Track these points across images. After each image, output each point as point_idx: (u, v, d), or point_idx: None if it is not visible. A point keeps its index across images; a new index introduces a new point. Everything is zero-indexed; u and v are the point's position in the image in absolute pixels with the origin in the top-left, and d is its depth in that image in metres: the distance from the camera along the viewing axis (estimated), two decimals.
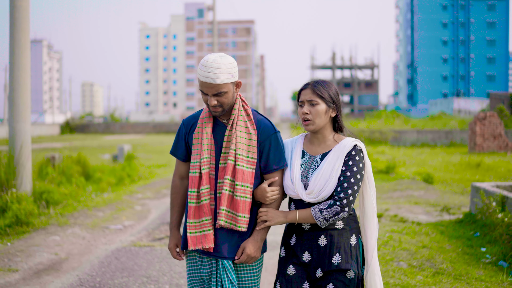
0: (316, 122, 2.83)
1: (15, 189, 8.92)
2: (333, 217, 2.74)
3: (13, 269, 5.82)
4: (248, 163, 2.85)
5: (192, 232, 2.82)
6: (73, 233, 7.62)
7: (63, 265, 6.07)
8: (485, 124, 25.67)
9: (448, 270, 5.51)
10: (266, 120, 2.95)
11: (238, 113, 2.89)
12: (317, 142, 2.92)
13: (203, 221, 2.83)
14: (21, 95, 9.41)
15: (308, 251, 2.85)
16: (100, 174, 14.07)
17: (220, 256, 2.84)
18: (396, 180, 13.74)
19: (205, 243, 2.80)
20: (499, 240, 6.29)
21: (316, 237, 2.83)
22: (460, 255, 6.20)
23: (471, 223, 7.83)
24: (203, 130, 2.88)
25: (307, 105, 2.84)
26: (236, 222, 2.82)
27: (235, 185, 2.82)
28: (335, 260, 2.77)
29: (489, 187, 7.98)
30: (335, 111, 2.88)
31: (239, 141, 2.84)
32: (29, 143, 9.54)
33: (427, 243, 6.73)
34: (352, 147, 2.82)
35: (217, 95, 2.76)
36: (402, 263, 5.76)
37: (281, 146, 2.93)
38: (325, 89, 2.86)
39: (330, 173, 2.78)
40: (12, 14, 9.36)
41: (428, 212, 9.32)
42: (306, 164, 2.89)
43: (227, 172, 2.81)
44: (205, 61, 2.73)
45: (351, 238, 2.84)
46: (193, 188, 2.84)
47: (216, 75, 2.70)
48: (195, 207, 2.84)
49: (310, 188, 2.81)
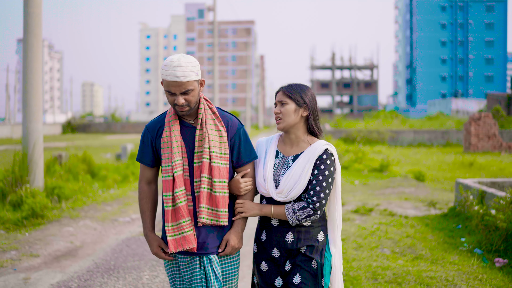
0: (286, 121, 2.95)
1: (28, 185, 9.52)
2: (305, 218, 2.86)
3: (35, 254, 6.44)
4: (222, 159, 2.92)
5: (171, 235, 2.86)
6: (85, 225, 8.23)
7: (78, 251, 6.69)
8: (480, 125, 26.18)
9: (426, 255, 6.11)
10: (231, 116, 3.05)
11: (205, 112, 2.95)
12: (290, 142, 3.04)
13: (180, 223, 2.86)
14: (34, 97, 10.00)
15: (277, 247, 2.97)
16: (105, 172, 14.64)
17: (206, 253, 2.90)
18: (389, 178, 14.35)
19: (185, 244, 2.85)
20: (475, 230, 6.90)
21: (284, 233, 2.94)
22: (440, 244, 6.79)
23: (454, 217, 8.42)
24: (171, 133, 2.91)
25: (279, 105, 2.99)
26: (218, 218, 2.89)
27: (213, 182, 2.88)
28: (302, 250, 2.92)
29: (471, 183, 8.58)
30: (307, 111, 2.98)
31: (211, 139, 2.90)
32: (41, 142, 10.12)
33: (411, 234, 7.34)
34: (323, 151, 2.93)
35: (184, 94, 2.81)
36: (386, 250, 6.37)
37: (249, 139, 3.03)
38: (296, 90, 2.98)
39: (300, 174, 2.89)
40: (25, 21, 9.94)
41: (417, 207, 9.92)
42: (279, 164, 3.00)
43: (204, 170, 2.87)
44: (169, 61, 2.78)
45: (319, 234, 2.96)
46: (167, 192, 2.87)
47: (182, 73, 2.76)
48: (171, 210, 2.87)
49: (280, 187, 2.90)
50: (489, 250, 6.34)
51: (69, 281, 5.41)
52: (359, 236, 7.14)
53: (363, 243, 6.68)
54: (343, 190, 12.00)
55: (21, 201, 9.07)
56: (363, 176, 14.90)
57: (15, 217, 8.23)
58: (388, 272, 5.32)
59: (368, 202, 10.17)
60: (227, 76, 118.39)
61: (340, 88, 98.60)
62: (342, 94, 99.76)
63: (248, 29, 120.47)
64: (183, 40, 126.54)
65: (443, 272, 5.37)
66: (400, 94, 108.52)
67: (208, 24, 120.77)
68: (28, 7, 9.95)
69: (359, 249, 6.41)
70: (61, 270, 5.86)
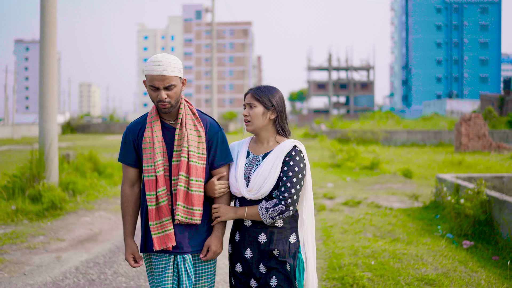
0: (254, 123, 3.02)
1: (45, 180, 10.38)
2: (278, 215, 2.90)
3: (61, 239, 7.33)
4: (199, 159, 2.98)
5: (156, 234, 2.91)
6: (100, 216, 9.12)
7: (98, 237, 7.59)
8: (470, 125, 27.00)
9: (403, 239, 7.02)
10: (211, 119, 3.12)
11: (185, 113, 3.02)
12: (260, 142, 3.10)
13: (163, 221, 2.92)
14: (50, 99, 10.86)
15: (250, 248, 3.01)
16: (111, 170, 15.50)
17: (181, 252, 2.95)
18: (379, 175, 15.26)
19: (169, 242, 2.91)
20: (448, 218, 7.81)
21: (257, 234, 2.99)
22: (418, 230, 7.69)
23: (434, 208, 9.32)
24: (153, 133, 2.96)
25: (247, 108, 3.05)
26: (192, 216, 2.95)
27: (190, 180, 2.94)
28: (275, 253, 2.97)
29: (449, 177, 9.49)
30: (275, 114, 3.05)
31: (190, 138, 2.97)
32: (56, 141, 10.97)
33: (393, 222, 8.24)
34: (292, 148, 3.00)
35: (167, 89, 2.88)
36: (368, 234, 7.29)
37: (226, 142, 3.11)
38: (264, 93, 3.04)
39: (269, 171, 2.94)
40: (42, 29, 10.81)
41: (402, 201, 10.81)
42: (249, 163, 3.07)
43: (181, 168, 2.93)
44: (154, 57, 2.88)
45: (291, 236, 3.00)
46: (151, 192, 2.92)
47: (167, 67, 2.85)
48: (155, 209, 2.93)
49: (251, 185, 2.96)
50: (459, 235, 7.24)
51: (96, 259, 6.31)
52: (346, 223, 8.06)
53: (349, 228, 7.59)
54: (335, 186, 12.91)
55: (39, 195, 9.92)
56: (354, 173, 15.81)
57: (36, 209, 9.09)
58: (368, 250, 6.22)
59: (357, 196, 11.07)
60: (225, 77, 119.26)
61: (337, 89, 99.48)
62: (339, 95, 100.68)
63: (245, 30, 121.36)
64: (181, 41, 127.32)
65: (415, 250, 6.28)
66: (396, 95, 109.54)
67: (206, 25, 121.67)
68: (45, 17, 10.82)
69: (344, 233, 7.32)
70: (86, 251, 6.76)
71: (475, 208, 7.22)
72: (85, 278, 5.57)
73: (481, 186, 7.40)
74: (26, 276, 5.63)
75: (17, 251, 6.62)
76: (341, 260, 5.82)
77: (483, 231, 7.12)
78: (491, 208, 7.19)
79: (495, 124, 36.79)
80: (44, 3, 10.70)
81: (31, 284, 5.35)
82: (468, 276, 5.28)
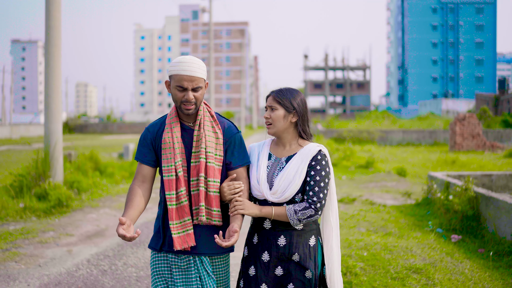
0: (276, 126, 3.00)
1: (51, 179, 10.74)
2: (306, 218, 2.86)
3: (70, 234, 7.71)
4: (216, 160, 2.98)
5: (177, 233, 2.89)
6: (105, 213, 9.50)
7: (105, 232, 7.97)
8: (465, 125, 27.42)
9: (395, 233, 7.42)
10: (229, 122, 3.13)
11: (204, 115, 3.03)
12: (282, 145, 3.08)
13: (185, 221, 2.92)
14: (55, 100, 11.22)
15: (268, 251, 2.96)
16: (112, 169, 15.86)
17: (199, 253, 2.95)
18: (373, 173, 15.68)
19: (190, 241, 2.90)
20: (438, 214, 8.22)
21: (276, 237, 2.95)
22: (409, 225, 8.09)
23: (426, 205, 9.71)
24: (173, 134, 2.98)
25: (269, 110, 3.05)
26: (212, 217, 2.95)
27: (208, 181, 2.94)
28: (294, 258, 2.93)
29: (440, 175, 9.89)
30: (296, 117, 3.02)
31: (208, 139, 2.97)
32: (61, 141, 11.34)
33: (386, 218, 8.64)
34: (317, 152, 2.97)
35: (194, 90, 2.89)
36: (362, 228, 7.68)
37: (243, 144, 3.11)
38: (286, 96, 3.02)
39: (294, 175, 2.92)
40: (47, 33, 11.17)
41: (395, 198, 11.22)
42: (272, 166, 3.03)
43: (201, 169, 2.93)
44: (182, 58, 2.88)
45: (310, 239, 2.96)
46: (171, 191, 2.92)
47: (196, 69, 2.87)
48: (176, 208, 2.93)
49: (275, 188, 2.92)
50: (448, 229, 7.64)
51: (105, 252, 6.70)
52: (341, 218, 8.45)
53: (343, 223, 7.98)
54: None
55: (45, 193, 10.28)
56: (350, 172, 16.22)
57: (44, 206, 9.46)
58: (361, 243, 6.62)
59: (352, 194, 11.47)
60: (221, 77, 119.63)
61: (333, 88, 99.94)
62: (335, 95, 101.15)
63: (242, 30, 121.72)
64: (178, 41, 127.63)
65: (405, 243, 6.68)
66: (392, 94, 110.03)
67: (202, 25, 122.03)
68: (50, 21, 11.18)
69: (340, 228, 7.68)
70: (95, 245, 7.14)
71: (463, 204, 7.63)
72: (97, 269, 5.95)
73: (468, 183, 7.81)
74: (42, 267, 6.01)
75: (29, 245, 7.00)
76: None
77: (471, 226, 7.52)
78: (478, 204, 7.59)
79: (490, 123, 37.24)
80: (49, 8, 11.06)
81: (47, 275, 5.73)
82: (453, 266, 5.68)
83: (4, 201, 9.38)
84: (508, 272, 5.61)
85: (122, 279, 5.58)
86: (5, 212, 9.00)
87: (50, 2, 11.05)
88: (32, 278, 5.59)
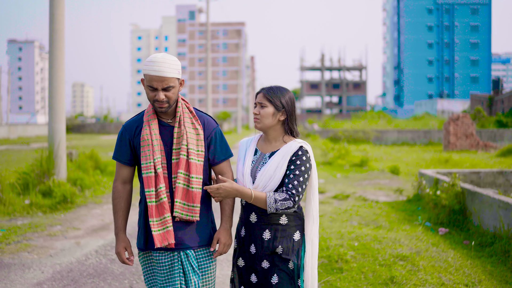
0: (263, 122, 3.06)
1: (55, 176, 11.12)
2: (284, 210, 2.91)
3: (77, 228, 8.11)
4: (198, 156, 3.00)
5: (156, 230, 2.90)
6: (109, 208, 9.89)
7: (110, 226, 8.36)
8: (458, 124, 27.80)
9: (386, 226, 7.83)
10: (207, 116, 3.15)
11: (183, 111, 3.04)
12: (268, 141, 3.14)
13: (165, 218, 2.92)
14: (58, 101, 11.59)
15: (254, 244, 3.05)
16: (112, 168, 16.23)
17: (183, 248, 2.98)
18: (367, 171, 16.10)
19: (170, 238, 2.91)
20: (427, 208, 8.64)
21: (261, 231, 3.03)
22: (399, 220, 8.50)
23: (416, 201, 10.13)
24: (151, 131, 2.98)
25: (258, 107, 3.09)
26: (192, 213, 2.97)
27: (190, 177, 2.96)
28: (278, 250, 3.01)
29: (430, 172, 10.30)
30: (284, 115, 3.09)
31: (189, 136, 2.99)
32: (64, 139, 11.70)
33: (377, 213, 9.05)
34: (298, 148, 3.02)
35: (165, 90, 2.89)
36: (354, 222, 8.11)
37: (224, 138, 3.16)
38: (276, 94, 3.07)
39: (275, 170, 2.98)
40: (51, 36, 11.53)
41: (388, 195, 11.63)
42: (256, 161, 3.11)
43: (180, 166, 2.95)
44: (154, 57, 2.87)
45: (295, 234, 3.04)
46: (150, 188, 2.91)
47: (166, 69, 2.85)
48: (156, 205, 2.93)
49: (256, 182, 3.00)
50: (436, 223, 8.06)
51: (112, 243, 7.09)
52: (334, 213, 8.87)
53: (337, 218, 8.40)
54: (326, 182, 13.71)
55: (50, 190, 10.66)
56: (344, 170, 16.64)
57: (49, 202, 9.84)
58: (352, 235, 7.04)
59: (346, 191, 11.88)
60: (218, 77, 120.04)
61: (330, 88, 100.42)
62: (332, 95, 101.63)
63: (238, 30, 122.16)
64: (174, 41, 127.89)
65: (395, 235, 7.09)
66: (388, 94, 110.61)
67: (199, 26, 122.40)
68: (54, 24, 11.54)
69: (333, 222, 8.13)
70: (101, 238, 7.54)
71: (450, 199, 8.05)
72: (106, 258, 6.36)
73: (455, 179, 8.23)
74: (53, 257, 6.41)
75: (39, 238, 7.39)
76: (329, 242, 6.62)
77: (457, 219, 7.94)
78: (464, 199, 8.01)
79: (484, 123, 37.71)
80: (53, 11, 11.43)
81: (59, 263, 6.13)
82: (437, 255, 6.09)
83: (11, 198, 9.76)
84: (488, 260, 6.03)
85: (130, 266, 5.98)
86: (12, 208, 9.38)
87: (54, 6, 11.42)
88: (45, 267, 6.00)
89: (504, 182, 10.63)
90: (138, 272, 5.80)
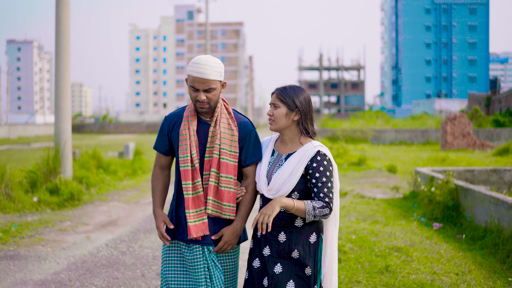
0: (277, 123, 3.03)
1: (61, 175, 11.44)
2: (322, 217, 2.89)
3: (86, 223, 8.46)
4: (231, 156, 3.06)
5: (192, 222, 2.99)
6: (115, 205, 10.23)
7: (117, 222, 8.70)
8: (455, 124, 28.09)
9: (382, 221, 8.18)
10: (245, 118, 3.21)
11: (221, 111, 3.11)
12: (285, 142, 3.11)
13: (201, 210, 3.03)
14: (64, 102, 11.91)
15: (269, 246, 3.01)
16: (114, 167, 16.56)
17: (207, 243, 3.05)
18: (365, 170, 16.45)
19: (205, 230, 3.01)
20: (422, 204, 8.99)
21: (277, 233, 3.00)
22: (396, 216, 8.85)
23: (412, 198, 10.48)
24: (190, 127, 3.07)
25: (272, 108, 3.07)
26: (221, 211, 3.04)
27: (220, 176, 3.04)
28: (294, 255, 2.97)
29: (426, 170, 10.65)
30: (299, 115, 3.04)
31: (223, 136, 3.06)
32: (70, 139, 12.03)
33: (374, 209, 9.40)
34: (316, 153, 2.97)
35: (206, 91, 2.97)
36: (352, 218, 8.46)
37: (259, 141, 3.20)
38: (289, 94, 3.04)
39: (290, 173, 2.94)
40: (57, 38, 11.85)
41: (385, 192, 11.98)
42: (273, 162, 3.08)
43: (213, 165, 3.04)
44: (198, 59, 2.95)
45: (311, 236, 2.99)
46: (187, 181, 3.02)
47: (208, 71, 2.93)
48: (192, 198, 3.02)
49: (271, 185, 2.97)
50: (430, 219, 8.41)
51: (121, 237, 7.44)
52: None
53: None
54: None
55: (56, 188, 10.99)
56: (343, 169, 16.98)
57: (57, 200, 10.18)
58: (350, 229, 7.39)
59: (344, 188, 12.23)
60: None
61: (328, 88, 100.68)
62: (330, 95, 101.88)
63: (237, 30, 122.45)
64: (173, 41, 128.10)
65: (390, 229, 7.45)
66: (386, 94, 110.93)
67: (198, 26, 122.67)
68: (60, 26, 11.87)
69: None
70: (110, 232, 7.88)
71: (444, 195, 8.40)
72: (117, 251, 6.71)
73: (449, 176, 8.57)
74: (66, 250, 6.75)
75: (51, 232, 7.73)
76: None
77: (451, 215, 8.29)
78: (458, 195, 8.36)
79: (481, 123, 38.03)
80: (59, 14, 11.76)
81: (72, 256, 6.48)
82: (431, 247, 6.44)
83: (20, 195, 10.09)
84: (479, 253, 6.38)
85: (141, 257, 6.35)
86: (22, 205, 9.71)
87: (60, 9, 11.75)
88: (60, 258, 6.34)
89: (497, 179, 10.99)
90: (148, 263, 6.14)
